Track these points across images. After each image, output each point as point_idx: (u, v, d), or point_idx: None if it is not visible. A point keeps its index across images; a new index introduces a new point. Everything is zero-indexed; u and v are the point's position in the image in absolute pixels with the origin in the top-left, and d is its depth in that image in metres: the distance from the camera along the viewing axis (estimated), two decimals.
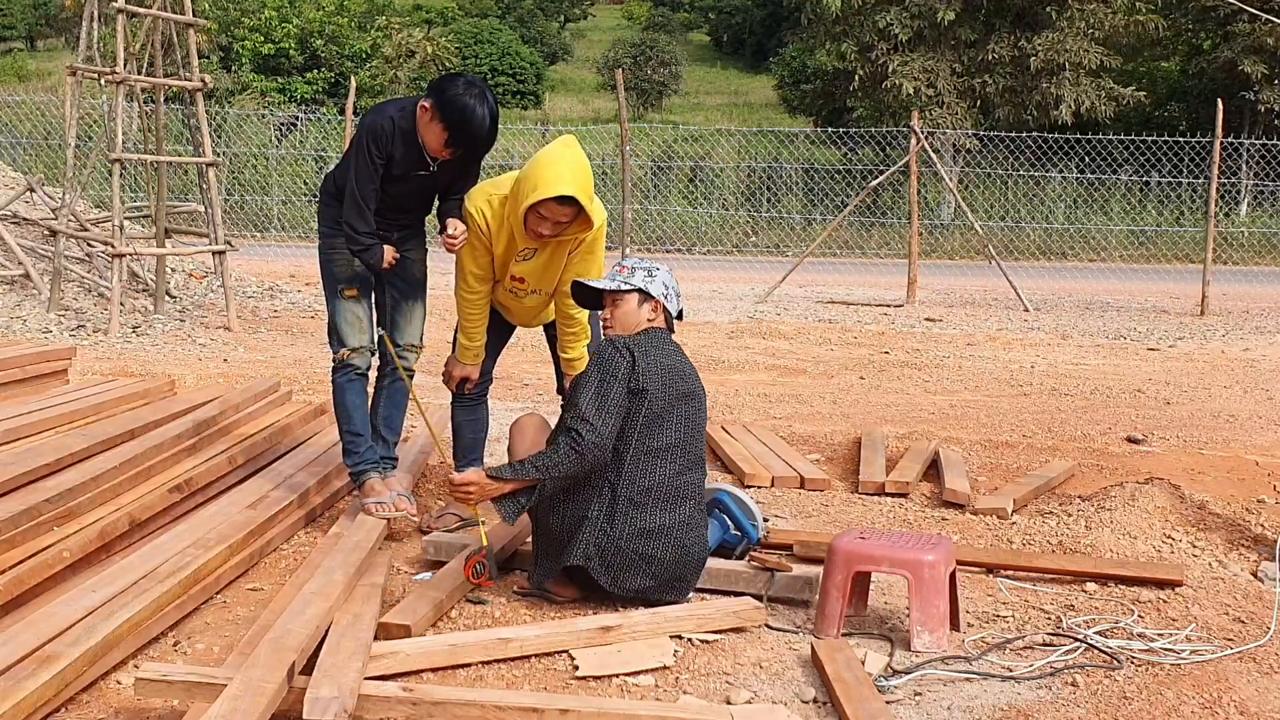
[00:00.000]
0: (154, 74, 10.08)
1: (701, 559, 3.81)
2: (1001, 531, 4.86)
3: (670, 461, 3.72)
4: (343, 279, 4.48)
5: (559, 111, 41.44)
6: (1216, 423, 7.06)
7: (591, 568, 3.64)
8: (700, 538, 3.79)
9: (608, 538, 3.65)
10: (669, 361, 3.78)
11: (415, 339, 4.64)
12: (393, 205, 4.42)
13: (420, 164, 4.30)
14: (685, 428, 3.76)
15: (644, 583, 3.68)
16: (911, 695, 3.22)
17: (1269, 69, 26.22)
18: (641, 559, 3.65)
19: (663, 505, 3.69)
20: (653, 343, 3.80)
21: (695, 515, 3.78)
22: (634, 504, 3.67)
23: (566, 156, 4.13)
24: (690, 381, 3.82)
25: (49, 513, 3.78)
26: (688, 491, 3.76)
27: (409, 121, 4.24)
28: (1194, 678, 3.36)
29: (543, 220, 4.17)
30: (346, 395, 4.52)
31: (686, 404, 3.77)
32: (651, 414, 3.70)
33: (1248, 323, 12.77)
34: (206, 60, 15.32)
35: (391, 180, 4.32)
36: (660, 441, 3.71)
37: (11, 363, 5.70)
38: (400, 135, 4.24)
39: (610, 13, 64.37)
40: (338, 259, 4.46)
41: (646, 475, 3.69)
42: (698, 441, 3.82)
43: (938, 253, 19.88)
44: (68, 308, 9.78)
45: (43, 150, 19.37)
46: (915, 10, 25.34)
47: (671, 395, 3.73)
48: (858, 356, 9.69)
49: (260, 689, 2.75)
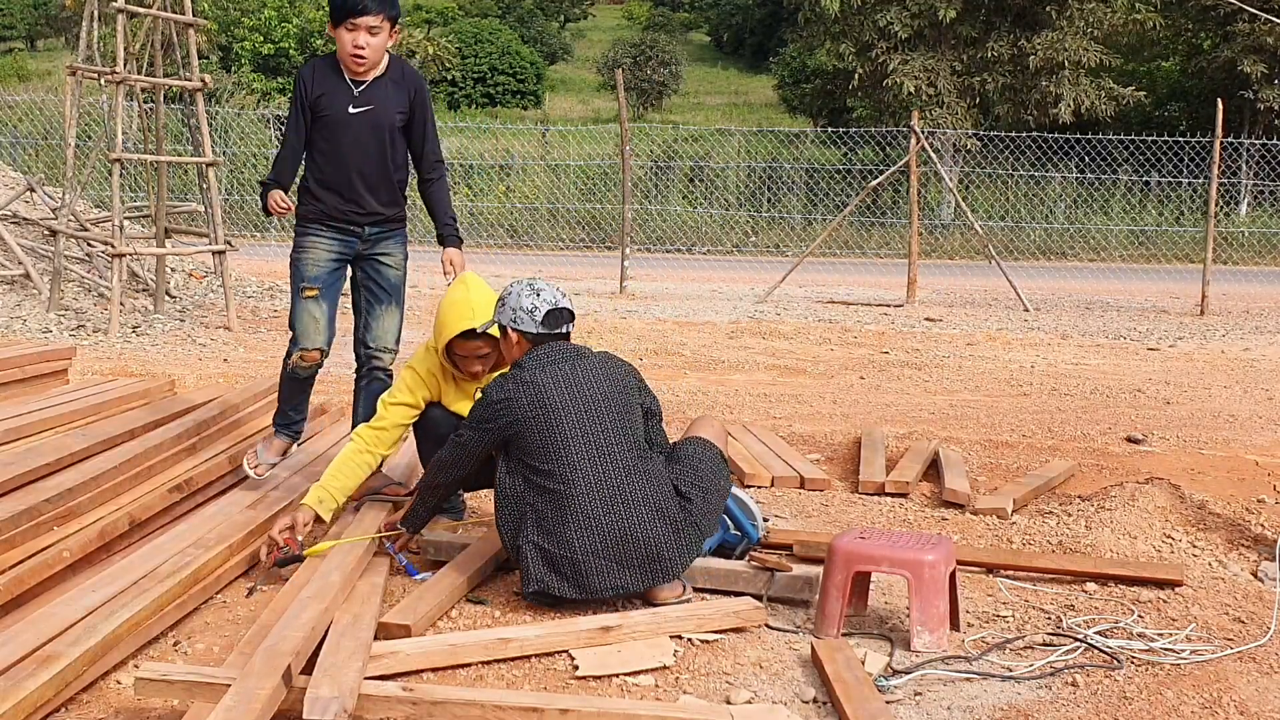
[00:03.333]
0: (154, 74, 10.08)
1: (661, 533, 3.68)
2: (1001, 531, 4.86)
3: (571, 466, 3.68)
4: (306, 277, 4.52)
5: (559, 111, 41.45)
6: (1216, 422, 7.06)
7: (550, 589, 3.64)
8: (643, 511, 3.68)
9: (551, 555, 3.63)
10: (538, 378, 3.77)
11: (389, 342, 4.65)
12: (351, 171, 4.41)
13: (346, 93, 4.36)
14: (579, 429, 3.72)
15: (617, 579, 3.64)
16: (911, 695, 3.22)
17: (1269, 68, 26.20)
18: (592, 555, 3.62)
19: (585, 498, 3.66)
20: (518, 373, 3.82)
21: (628, 493, 3.69)
22: (550, 514, 3.66)
23: (461, 296, 4.17)
24: (569, 388, 3.77)
25: (49, 512, 3.78)
26: (607, 475, 3.70)
27: (330, 56, 4.40)
28: (1194, 678, 3.36)
29: (466, 359, 4.22)
30: (288, 385, 4.68)
31: (564, 410, 3.73)
32: (536, 433, 3.70)
33: (1248, 323, 12.76)
34: (206, 60, 15.44)
35: (331, 125, 4.37)
36: (555, 453, 3.69)
37: (11, 363, 5.71)
38: (320, 70, 4.41)
39: (610, 12, 64.36)
40: (303, 256, 4.52)
41: (554, 487, 3.67)
42: (599, 434, 3.73)
43: (938, 252, 19.86)
44: (68, 308, 9.78)
45: (43, 150, 19.35)
46: (915, 9, 25.33)
47: (550, 408, 3.72)
48: (858, 356, 9.69)
49: (257, 694, 2.75)
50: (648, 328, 10.69)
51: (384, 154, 4.46)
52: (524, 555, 3.67)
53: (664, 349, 9.64)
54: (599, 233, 20.20)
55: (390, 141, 4.47)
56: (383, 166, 4.47)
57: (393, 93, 4.43)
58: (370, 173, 4.46)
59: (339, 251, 4.55)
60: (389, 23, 4.32)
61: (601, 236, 19.99)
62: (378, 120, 4.41)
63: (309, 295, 4.50)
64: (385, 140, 4.45)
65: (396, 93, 4.44)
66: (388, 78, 4.45)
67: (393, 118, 4.43)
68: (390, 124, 4.43)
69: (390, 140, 4.46)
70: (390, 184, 4.52)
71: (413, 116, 4.47)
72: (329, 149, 4.43)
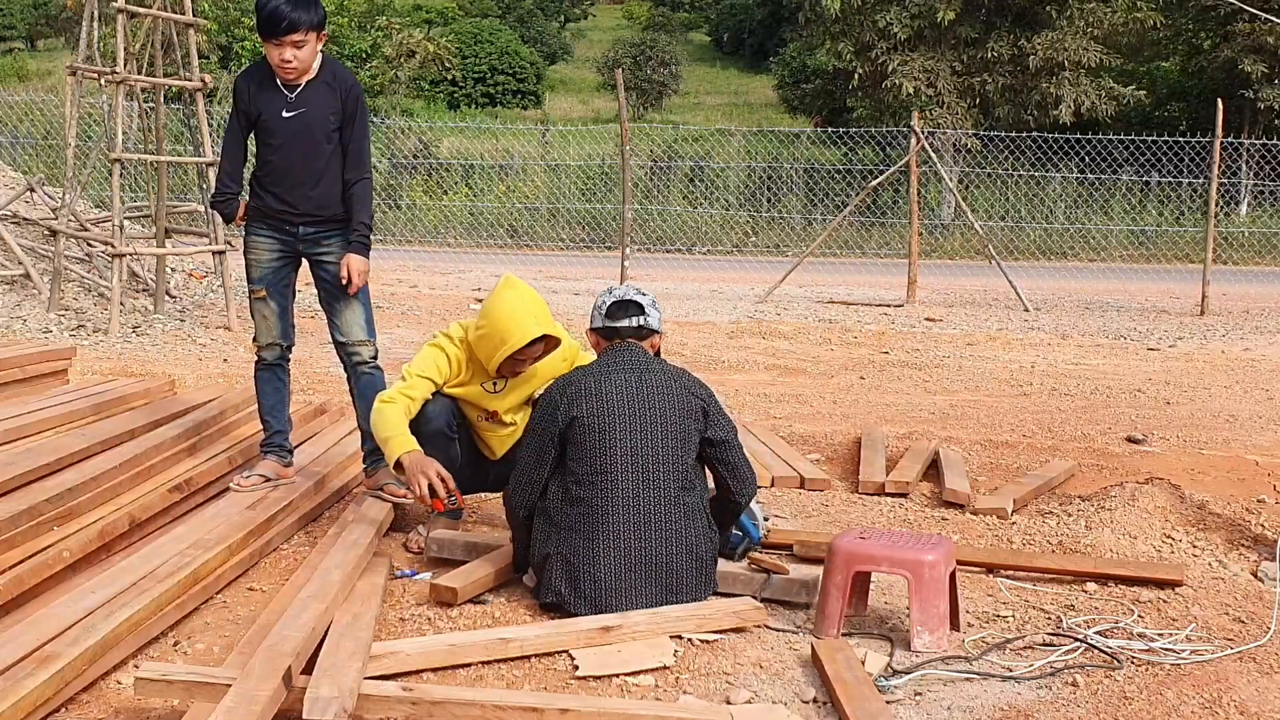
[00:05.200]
0: (154, 74, 10.07)
1: (686, 567, 3.66)
2: (1001, 531, 4.86)
3: (610, 483, 3.64)
4: (251, 279, 4.66)
5: (559, 111, 41.42)
6: (1216, 422, 7.06)
7: (565, 603, 3.63)
8: (675, 546, 3.65)
9: (575, 570, 3.62)
10: (603, 384, 3.76)
11: (358, 334, 4.67)
12: (285, 172, 4.50)
13: (280, 98, 4.47)
14: (626, 444, 3.67)
15: (629, 604, 3.60)
16: (911, 695, 3.22)
17: (1269, 68, 26.16)
18: (615, 578, 3.60)
19: (620, 521, 3.62)
20: (582, 372, 3.85)
21: (663, 523, 3.65)
22: (583, 529, 3.64)
23: (518, 300, 4.25)
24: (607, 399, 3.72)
25: (49, 512, 3.78)
26: (647, 502, 3.64)
27: (265, 63, 4.50)
28: (1194, 678, 3.36)
29: (519, 362, 4.33)
30: (258, 383, 4.78)
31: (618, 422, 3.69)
32: (587, 438, 3.68)
33: (1248, 323, 12.76)
34: (206, 60, 15.48)
35: (267, 129, 4.50)
36: (598, 466, 3.66)
37: (11, 363, 5.71)
38: (255, 76, 4.53)
39: (610, 12, 64.31)
40: (248, 258, 4.64)
41: (591, 501, 3.65)
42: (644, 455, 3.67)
43: (938, 253, 19.84)
44: (68, 308, 9.78)
45: (43, 150, 19.35)
46: (915, 10, 25.31)
47: (606, 415, 3.69)
48: (858, 356, 9.69)
49: (257, 694, 2.75)
50: None
51: (317, 155, 4.52)
52: (549, 565, 3.66)
53: (664, 349, 9.61)
54: (599, 233, 20.19)
55: (324, 142, 4.53)
56: (315, 167, 4.53)
57: (326, 95, 4.52)
58: (304, 174, 4.53)
59: (279, 250, 4.62)
60: (313, 32, 4.43)
61: (601, 236, 19.99)
62: (310, 122, 4.51)
63: (257, 297, 4.65)
64: (318, 141, 4.52)
65: (329, 95, 4.53)
66: (320, 80, 4.54)
67: (325, 119, 4.52)
68: (323, 125, 4.52)
69: (324, 141, 4.53)
70: (325, 185, 4.55)
71: (344, 119, 4.54)
72: (266, 151, 4.57)
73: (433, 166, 22.53)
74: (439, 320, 10.78)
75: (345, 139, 4.53)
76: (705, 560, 3.74)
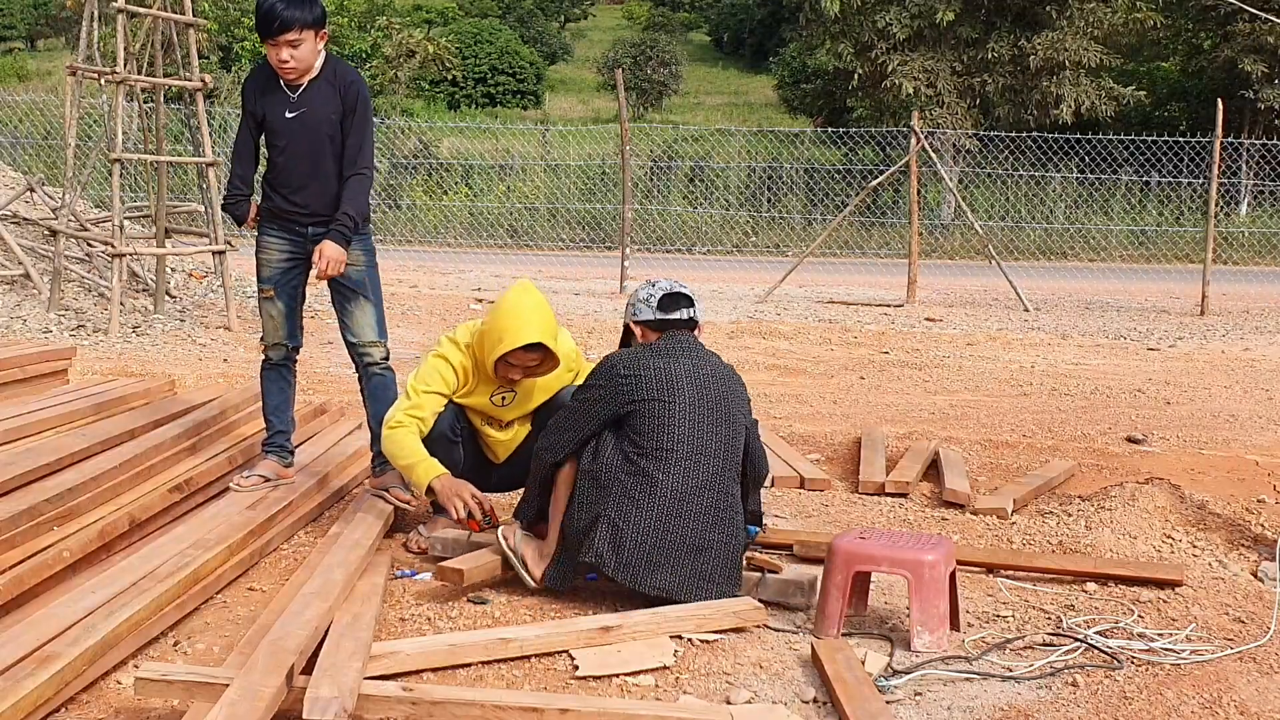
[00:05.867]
0: (154, 74, 10.07)
1: (723, 555, 3.73)
2: (1001, 531, 4.86)
3: (670, 459, 3.71)
4: (261, 279, 4.66)
5: (559, 111, 41.44)
6: (1216, 422, 7.06)
7: (605, 566, 3.65)
8: (718, 531, 3.72)
9: (622, 534, 3.65)
10: (670, 365, 3.84)
11: (369, 336, 4.64)
12: (291, 173, 4.51)
13: (284, 99, 4.49)
14: (687, 426, 3.75)
15: (664, 579, 3.65)
16: (912, 695, 3.22)
17: (1269, 68, 26.17)
18: (657, 550, 3.64)
19: (675, 495, 3.68)
20: (649, 352, 3.89)
21: (714, 506, 3.73)
22: (638, 496, 3.68)
23: (526, 303, 4.22)
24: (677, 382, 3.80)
25: (49, 512, 3.78)
26: (701, 482, 3.73)
27: (267, 64, 4.51)
28: (1194, 678, 3.36)
29: (512, 367, 4.27)
30: (263, 382, 4.79)
31: (683, 402, 3.77)
32: (653, 415, 3.73)
33: (1248, 322, 12.76)
34: (206, 60, 15.44)
35: (272, 130, 4.51)
36: (660, 442, 3.72)
37: (11, 363, 5.70)
38: (260, 78, 4.55)
39: (610, 12, 64.32)
40: (259, 257, 4.65)
41: (651, 473, 3.69)
42: (702, 437, 3.77)
43: (938, 253, 19.84)
44: (68, 308, 9.78)
45: (43, 150, 19.36)
46: (915, 10, 25.32)
47: (673, 394, 3.77)
48: (858, 356, 9.69)
49: (258, 694, 2.75)
50: None
51: (322, 155, 4.51)
52: (595, 528, 3.68)
53: None
54: (599, 233, 20.19)
55: (328, 142, 4.51)
56: (321, 167, 4.52)
57: (327, 94, 4.51)
58: (309, 174, 4.53)
59: (289, 251, 4.60)
60: (310, 31, 4.41)
61: (602, 236, 19.99)
62: (313, 122, 4.49)
63: (265, 296, 4.66)
64: (322, 141, 4.50)
65: (331, 93, 4.51)
66: (323, 79, 4.53)
67: (328, 118, 4.50)
68: (326, 125, 4.50)
69: (328, 141, 4.51)
70: (332, 186, 4.53)
71: (345, 115, 4.52)
72: (273, 153, 4.57)
73: (433, 166, 22.54)
74: (439, 320, 10.78)
75: (344, 133, 4.51)
76: (738, 553, 3.81)
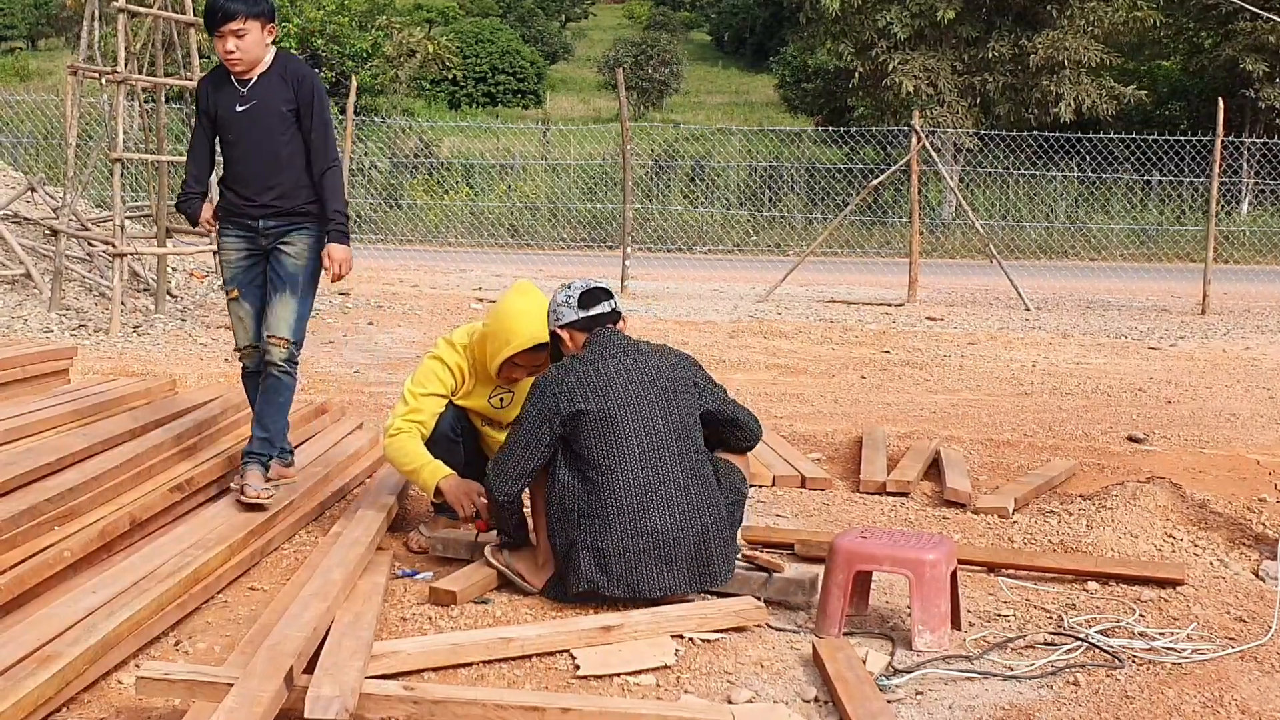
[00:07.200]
0: (155, 73, 10.08)
1: (711, 539, 3.71)
2: (1003, 530, 4.86)
3: (625, 462, 3.67)
4: (224, 279, 4.67)
5: (560, 111, 41.42)
6: (1218, 421, 7.06)
7: (600, 588, 3.65)
8: (697, 517, 3.69)
9: (603, 555, 3.64)
10: (601, 369, 3.76)
11: (279, 330, 4.54)
12: (243, 167, 4.51)
13: (234, 94, 4.49)
14: (632, 424, 3.70)
15: (661, 580, 3.65)
16: (913, 694, 3.22)
17: (1270, 67, 26.14)
18: (644, 555, 3.64)
19: (641, 498, 3.66)
20: (578, 361, 3.81)
21: (684, 497, 3.69)
22: (605, 513, 3.65)
23: (530, 304, 4.22)
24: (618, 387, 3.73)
25: (50, 512, 3.77)
26: (663, 477, 3.69)
27: (220, 65, 4.52)
28: (1195, 677, 3.35)
29: (518, 368, 4.28)
30: (247, 392, 4.82)
31: (625, 404, 3.71)
32: (596, 424, 3.68)
33: (1249, 321, 12.76)
34: (207, 60, 15.32)
35: (223, 126, 4.52)
36: (610, 449, 3.68)
37: (12, 362, 5.70)
38: (214, 78, 4.56)
39: (611, 12, 64.33)
40: (220, 258, 4.67)
41: (610, 484, 3.67)
42: (651, 432, 3.71)
43: (939, 252, 19.83)
44: (69, 307, 9.78)
45: (43, 150, 19.37)
46: (915, 9, 25.31)
47: (611, 400, 3.71)
48: (859, 356, 9.69)
49: (256, 699, 2.75)
50: (649, 327, 10.68)
51: (273, 148, 4.49)
52: (575, 556, 3.66)
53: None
54: (600, 232, 20.19)
55: (280, 134, 4.49)
56: (272, 161, 4.50)
57: (278, 86, 4.50)
58: (260, 168, 4.51)
59: (247, 249, 4.58)
60: (256, 21, 4.41)
61: (602, 236, 19.98)
62: (262, 115, 4.48)
63: (231, 298, 4.65)
64: (274, 133, 4.49)
65: (282, 86, 4.50)
66: (273, 72, 4.53)
67: (278, 110, 4.48)
68: (276, 116, 4.49)
69: (280, 133, 4.49)
70: (284, 179, 4.51)
71: (300, 109, 4.51)
72: (225, 149, 4.58)
73: (433, 166, 22.54)
74: (439, 320, 10.78)
75: (305, 130, 4.49)
76: (727, 534, 3.79)
